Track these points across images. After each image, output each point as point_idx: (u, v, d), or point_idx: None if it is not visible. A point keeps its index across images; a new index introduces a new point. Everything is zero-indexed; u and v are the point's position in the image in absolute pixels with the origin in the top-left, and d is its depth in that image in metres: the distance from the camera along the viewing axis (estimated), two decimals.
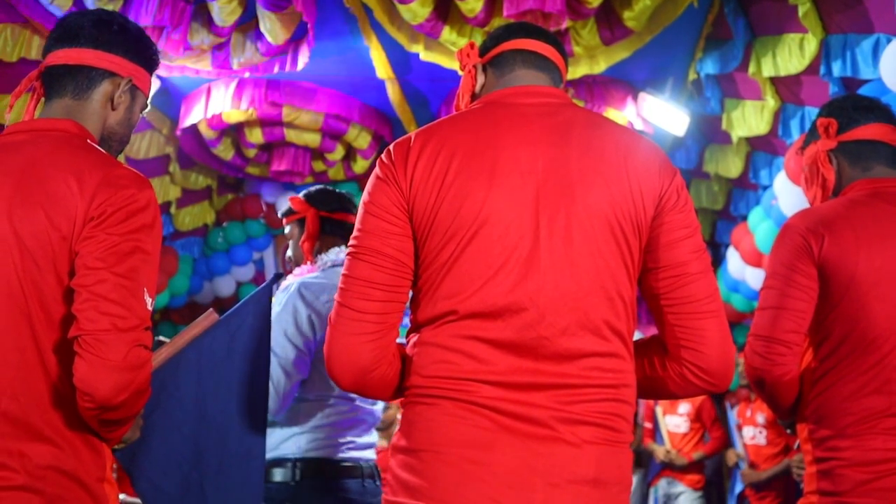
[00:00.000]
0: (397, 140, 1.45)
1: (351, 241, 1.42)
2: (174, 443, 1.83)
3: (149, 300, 1.43)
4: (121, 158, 6.13)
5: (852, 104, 1.94)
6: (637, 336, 1.46)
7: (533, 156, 1.38)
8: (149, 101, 1.69)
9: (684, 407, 5.62)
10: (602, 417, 1.33)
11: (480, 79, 1.57)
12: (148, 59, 1.65)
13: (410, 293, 1.44)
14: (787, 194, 4.24)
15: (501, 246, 1.33)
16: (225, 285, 7.23)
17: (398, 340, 1.45)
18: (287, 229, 2.56)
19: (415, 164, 1.38)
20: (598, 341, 1.34)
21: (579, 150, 1.39)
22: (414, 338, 1.41)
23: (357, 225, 1.42)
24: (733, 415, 5.49)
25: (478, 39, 4.30)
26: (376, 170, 1.43)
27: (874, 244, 1.75)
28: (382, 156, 1.43)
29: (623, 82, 5.19)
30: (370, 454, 2.40)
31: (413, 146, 1.40)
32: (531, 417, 1.30)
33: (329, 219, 2.49)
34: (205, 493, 1.83)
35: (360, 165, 6.25)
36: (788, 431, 1.98)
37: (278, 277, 2.04)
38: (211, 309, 1.96)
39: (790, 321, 1.77)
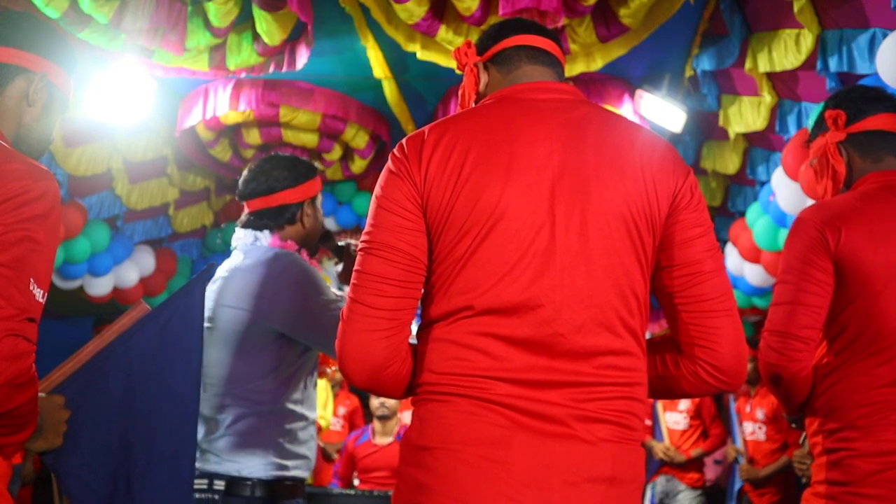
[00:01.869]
0: (410, 134, 1.44)
1: (363, 237, 1.40)
2: (102, 438, 1.79)
3: (38, 291, 1.39)
4: (119, 160, 6.08)
5: (860, 95, 1.93)
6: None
7: (549, 151, 1.37)
8: (69, 100, 1.66)
9: (684, 404, 5.62)
10: (617, 415, 1.33)
11: (484, 77, 1.56)
12: (64, 56, 1.62)
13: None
14: (784, 190, 4.25)
15: (518, 241, 1.33)
16: None
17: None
18: None
19: (429, 158, 1.37)
20: (613, 339, 1.34)
21: (595, 147, 1.38)
22: (426, 334, 1.40)
23: (369, 220, 1.41)
24: (734, 409, 5.50)
25: (474, 38, 4.29)
26: (389, 164, 1.42)
27: (890, 239, 1.75)
28: (395, 150, 1.42)
29: (620, 79, 5.19)
30: None
31: (427, 140, 1.39)
32: (547, 415, 1.29)
33: None
34: (132, 489, 1.79)
35: (357, 165, 6.25)
36: (793, 426, 1.97)
37: (212, 269, 1.99)
38: (141, 300, 1.92)
39: (806, 316, 1.76)
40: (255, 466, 2.16)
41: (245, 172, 2.38)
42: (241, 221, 2.35)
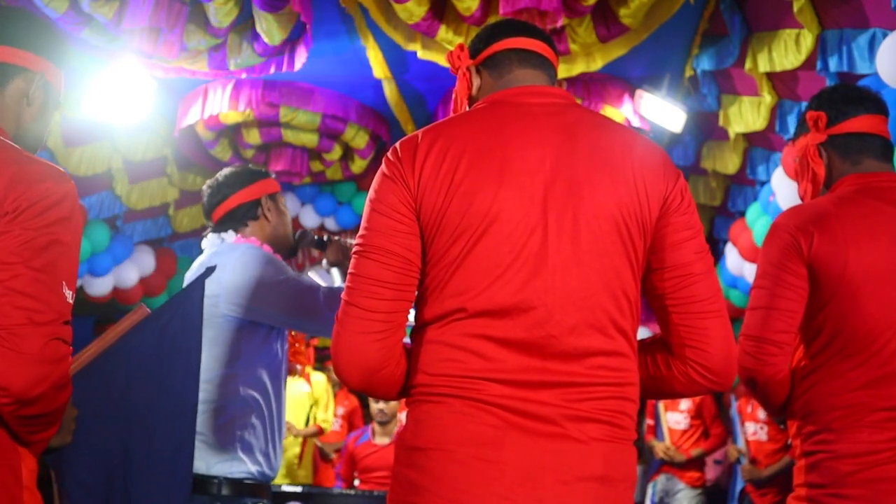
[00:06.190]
0: (404, 138, 1.45)
1: (357, 240, 1.42)
2: (101, 438, 1.80)
3: (68, 293, 1.41)
4: (119, 160, 6.07)
5: (842, 96, 1.92)
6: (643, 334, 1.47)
7: (541, 155, 1.39)
8: (61, 98, 1.66)
9: (685, 404, 5.64)
10: (609, 415, 1.34)
11: (476, 81, 1.57)
12: (60, 54, 1.62)
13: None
14: (784, 190, 4.25)
15: (510, 244, 1.34)
16: None
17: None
18: None
19: (423, 162, 1.38)
20: (605, 340, 1.35)
21: (586, 151, 1.40)
22: (420, 336, 1.41)
23: (363, 223, 1.42)
24: (736, 409, 5.50)
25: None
26: (383, 167, 1.43)
27: (863, 242, 1.75)
28: (389, 154, 1.43)
29: (620, 80, 5.19)
30: None
31: (421, 144, 1.40)
32: (540, 415, 1.31)
33: None
34: (129, 489, 1.81)
35: (357, 165, 6.25)
36: (782, 427, 1.99)
37: (210, 271, 2.02)
38: (142, 303, 1.94)
39: (781, 321, 1.77)
40: (220, 463, 2.16)
41: (205, 190, 2.48)
42: (207, 231, 2.47)
